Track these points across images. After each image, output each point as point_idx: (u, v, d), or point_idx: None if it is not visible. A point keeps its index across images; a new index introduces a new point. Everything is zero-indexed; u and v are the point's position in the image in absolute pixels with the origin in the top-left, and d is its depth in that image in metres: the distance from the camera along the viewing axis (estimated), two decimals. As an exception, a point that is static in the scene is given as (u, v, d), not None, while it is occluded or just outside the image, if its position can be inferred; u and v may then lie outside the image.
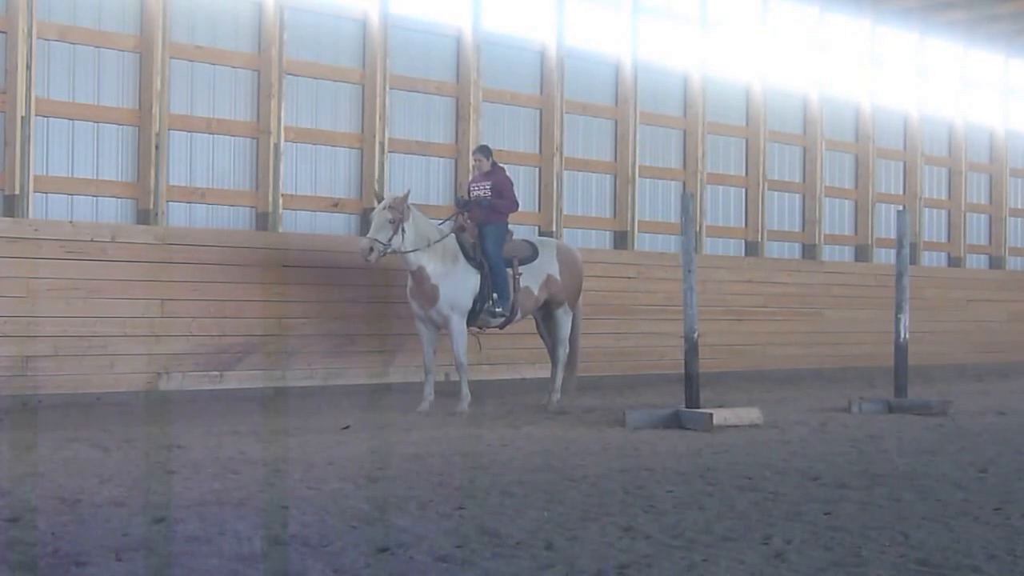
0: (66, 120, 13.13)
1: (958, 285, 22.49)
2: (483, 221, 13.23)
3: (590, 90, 17.58)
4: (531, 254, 13.60)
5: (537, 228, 16.10)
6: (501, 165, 13.95)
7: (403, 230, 12.63)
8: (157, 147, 13.42)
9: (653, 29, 18.24)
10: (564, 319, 13.82)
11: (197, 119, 13.97)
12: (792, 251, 20.35)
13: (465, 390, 13.04)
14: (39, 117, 12.80)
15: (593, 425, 11.81)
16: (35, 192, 12.73)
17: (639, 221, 17.91)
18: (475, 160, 13.80)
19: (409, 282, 13.09)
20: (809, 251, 20.38)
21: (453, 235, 13.21)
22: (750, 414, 11.98)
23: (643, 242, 17.93)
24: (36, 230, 12.54)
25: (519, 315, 13.48)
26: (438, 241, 12.97)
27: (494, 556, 5.93)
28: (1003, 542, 6.38)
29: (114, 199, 13.43)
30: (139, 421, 11.61)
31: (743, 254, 19.51)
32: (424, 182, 15.82)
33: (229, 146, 14.25)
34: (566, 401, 13.74)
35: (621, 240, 17.57)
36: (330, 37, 15.06)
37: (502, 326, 13.57)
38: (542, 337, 14.23)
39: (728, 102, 19.37)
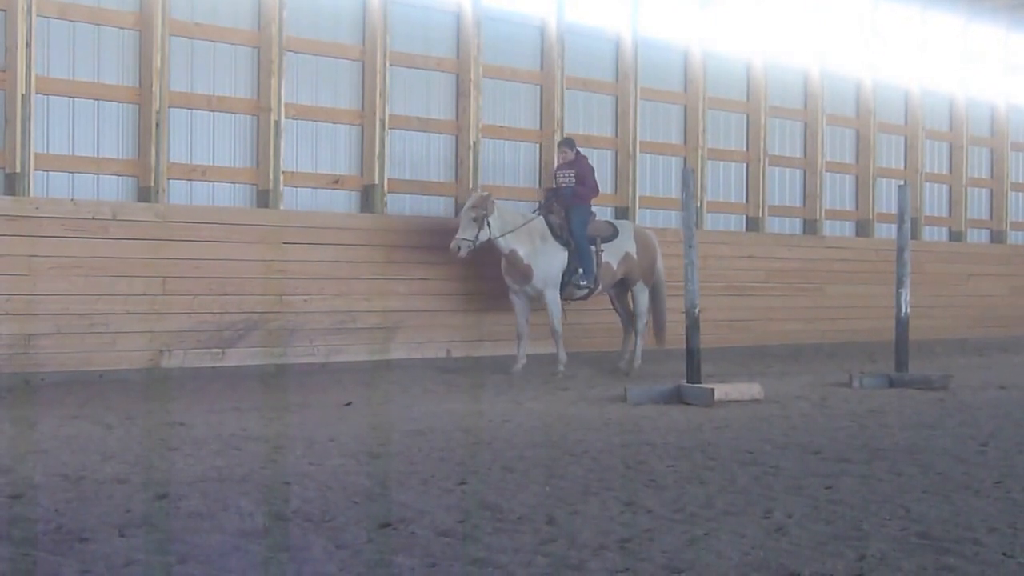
0: (66, 98, 13.10)
1: (959, 260, 22.48)
2: (569, 205, 14.76)
3: (590, 66, 17.55)
4: (611, 234, 15.18)
5: (539, 204, 16.06)
6: (584, 155, 15.27)
7: (488, 224, 14.12)
8: (157, 125, 13.40)
9: (653, 4, 18.19)
10: (641, 294, 15.39)
11: (197, 96, 13.96)
12: (793, 226, 20.34)
13: (561, 354, 14.57)
14: (39, 95, 12.78)
15: (594, 400, 11.84)
16: (36, 170, 12.72)
17: (640, 197, 17.91)
18: (560, 152, 15.27)
19: (503, 263, 14.59)
20: (810, 226, 20.36)
21: (541, 217, 14.76)
22: (751, 389, 12.00)
23: (644, 217, 17.91)
24: (37, 208, 12.54)
25: (599, 288, 15.00)
26: (523, 225, 14.44)
27: (496, 531, 5.95)
28: (1004, 515, 6.40)
29: (115, 177, 13.42)
30: (141, 398, 11.63)
31: (744, 229, 19.50)
32: (425, 159, 15.82)
33: (229, 123, 14.23)
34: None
35: (622, 216, 17.54)
36: (330, 14, 15.03)
37: (585, 297, 15.03)
38: (616, 311, 15.71)
39: (729, 77, 19.33)
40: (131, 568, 5.26)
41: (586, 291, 14.84)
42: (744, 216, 19.56)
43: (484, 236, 14.11)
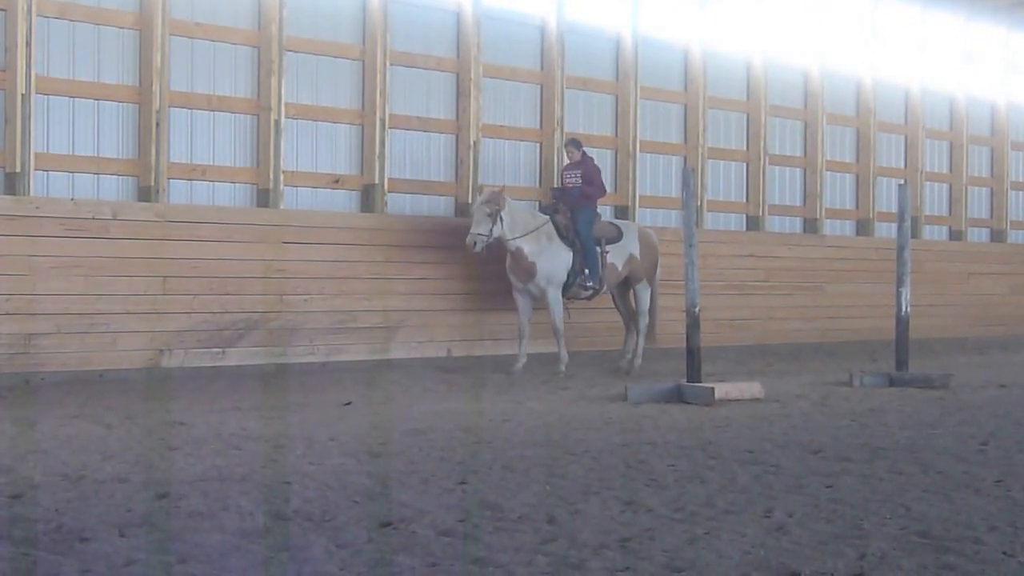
0: (66, 98, 13.10)
1: (959, 258, 22.49)
2: (575, 206, 14.85)
3: (591, 65, 17.55)
4: (616, 235, 15.28)
5: (538, 203, 16.09)
6: (590, 155, 15.47)
7: (501, 219, 14.21)
8: (158, 124, 13.40)
9: (654, 3, 18.19)
10: (644, 293, 15.49)
11: (197, 96, 13.96)
12: (793, 225, 20.35)
13: (563, 353, 14.59)
14: (39, 95, 12.78)
15: (595, 400, 11.84)
16: (36, 170, 12.72)
17: (640, 196, 17.91)
18: (567, 152, 15.44)
19: (508, 260, 14.61)
20: (810, 225, 20.37)
21: (547, 218, 14.80)
22: (751, 388, 11.99)
23: (644, 217, 17.91)
24: (37, 208, 12.54)
25: (604, 288, 15.11)
26: (535, 230, 14.54)
27: (496, 530, 5.95)
28: (1004, 514, 6.40)
29: (115, 177, 13.42)
30: (141, 398, 11.63)
31: (744, 228, 19.50)
32: (425, 158, 15.82)
33: (230, 123, 14.23)
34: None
35: (622, 215, 17.54)
36: (330, 13, 15.02)
37: (590, 297, 15.17)
38: (618, 310, 15.79)
39: (729, 76, 19.34)
40: (132, 568, 5.25)
41: (591, 292, 14.94)
42: (744, 215, 19.57)
43: (497, 232, 14.19)
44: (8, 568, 5.22)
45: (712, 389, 11.47)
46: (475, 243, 14.07)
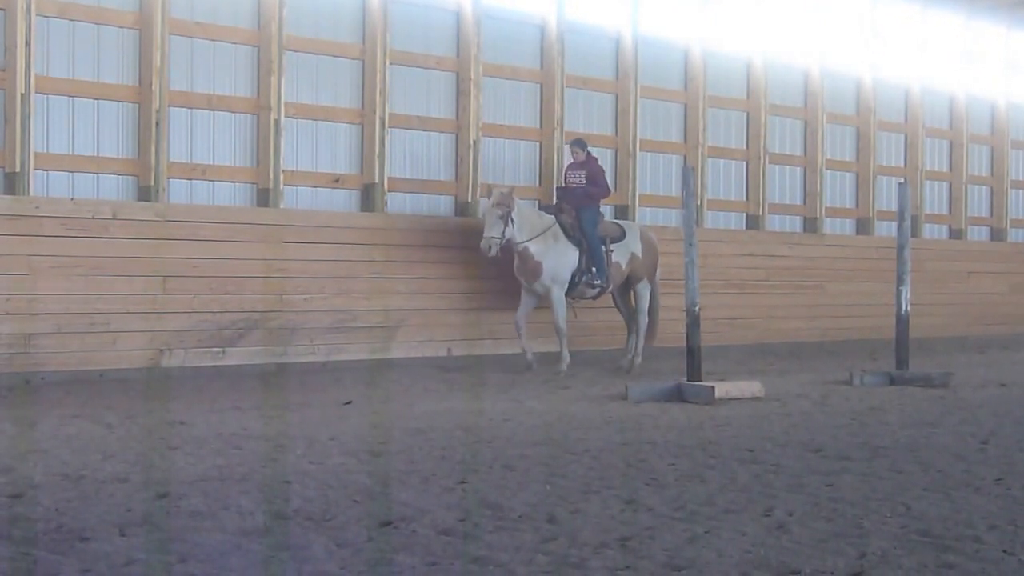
0: (66, 97, 13.10)
1: (959, 257, 22.49)
2: (579, 205, 14.99)
3: (591, 64, 17.54)
4: (620, 234, 15.46)
5: (538, 202, 16.08)
6: (595, 155, 15.57)
7: (512, 220, 14.29)
8: (157, 124, 13.40)
9: (654, 2, 18.18)
10: (644, 292, 15.62)
11: (197, 96, 13.95)
12: (793, 224, 20.34)
13: (564, 353, 14.63)
14: (39, 95, 12.77)
15: (595, 399, 11.84)
16: (36, 170, 12.71)
17: (640, 195, 17.90)
18: (572, 152, 15.45)
19: (515, 260, 14.69)
20: (810, 224, 20.36)
21: (553, 218, 14.89)
22: (752, 387, 12.00)
23: (644, 216, 17.90)
24: (37, 208, 12.54)
25: (611, 286, 15.21)
26: (542, 232, 14.62)
27: (496, 529, 5.95)
28: (1004, 512, 6.41)
29: (115, 176, 13.42)
30: (141, 397, 11.63)
31: (744, 227, 19.49)
32: (425, 157, 15.82)
33: (229, 122, 14.23)
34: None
35: (622, 214, 17.53)
36: (330, 13, 15.02)
37: (595, 296, 15.27)
38: (618, 308, 15.87)
39: (729, 75, 19.32)
40: (132, 567, 5.25)
41: (598, 290, 15.04)
42: (744, 214, 19.56)
43: (509, 234, 14.30)
44: (8, 568, 5.22)
45: (712, 388, 11.48)
46: (490, 247, 14.17)
